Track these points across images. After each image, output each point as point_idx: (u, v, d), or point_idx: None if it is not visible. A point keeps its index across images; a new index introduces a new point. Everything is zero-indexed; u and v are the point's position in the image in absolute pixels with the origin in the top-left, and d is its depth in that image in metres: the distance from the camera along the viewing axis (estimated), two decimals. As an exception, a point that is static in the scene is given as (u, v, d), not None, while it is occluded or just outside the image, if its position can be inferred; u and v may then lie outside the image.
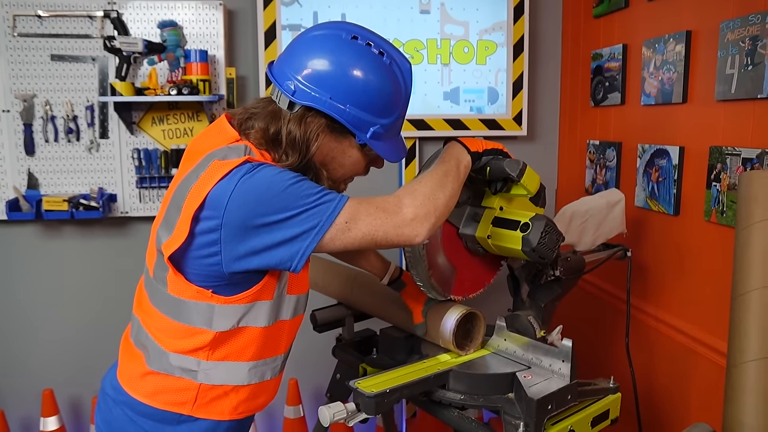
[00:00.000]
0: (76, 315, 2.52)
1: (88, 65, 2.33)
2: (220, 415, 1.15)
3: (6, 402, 2.51)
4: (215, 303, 1.08)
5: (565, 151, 2.71)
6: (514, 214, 1.36)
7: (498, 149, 1.32)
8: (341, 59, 1.06)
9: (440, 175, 1.15)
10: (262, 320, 1.13)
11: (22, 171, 2.35)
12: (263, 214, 0.99)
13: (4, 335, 2.50)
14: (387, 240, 1.05)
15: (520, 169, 1.30)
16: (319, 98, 1.06)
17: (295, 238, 1.00)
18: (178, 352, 1.11)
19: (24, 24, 2.28)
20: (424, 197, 1.08)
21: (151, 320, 1.15)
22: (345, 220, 1.02)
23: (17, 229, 2.43)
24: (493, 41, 2.55)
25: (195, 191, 1.02)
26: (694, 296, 1.82)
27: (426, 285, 1.42)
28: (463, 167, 1.21)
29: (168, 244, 1.04)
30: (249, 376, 1.16)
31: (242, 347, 1.13)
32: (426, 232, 1.07)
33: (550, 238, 1.32)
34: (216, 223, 1.00)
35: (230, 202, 0.99)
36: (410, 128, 2.54)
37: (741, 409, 1.31)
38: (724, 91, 1.65)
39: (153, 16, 2.32)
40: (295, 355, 2.73)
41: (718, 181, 1.68)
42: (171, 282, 1.09)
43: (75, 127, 2.35)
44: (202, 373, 1.11)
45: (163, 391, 1.12)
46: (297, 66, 1.08)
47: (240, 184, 0.99)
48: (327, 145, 1.11)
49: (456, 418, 1.39)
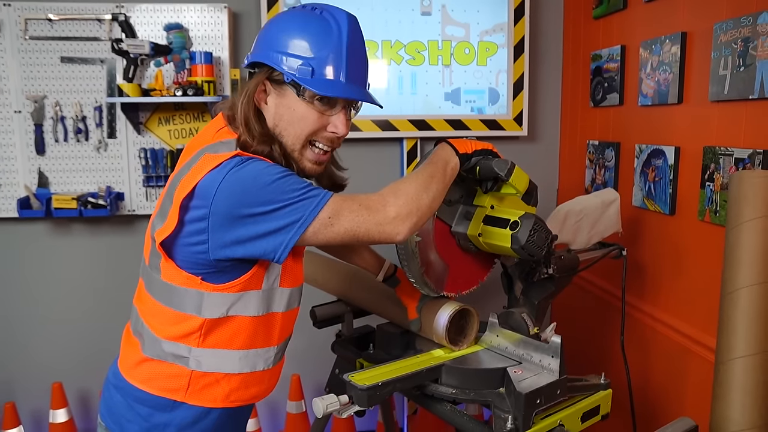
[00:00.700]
0: (84, 310, 2.58)
1: (97, 67, 2.39)
2: (213, 402, 1.19)
3: (17, 394, 2.58)
4: (204, 290, 1.12)
5: (566, 152, 2.73)
6: (504, 213, 1.39)
7: (488, 149, 1.35)
8: (275, 19, 1.17)
9: (426, 176, 1.18)
10: (252, 310, 1.16)
11: (32, 170, 2.42)
12: (249, 205, 1.03)
13: (16, 329, 2.57)
14: (369, 236, 1.08)
15: (508, 168, 1.33)
16: (254, 54, 1.15)
17: (279, 231, 1.04)
18: (170, 339, 1.15)
19: (35, 27, 2.34)
20: (407, 197, 1.11)
21: (146, 308, 1.20)
22: (328, 215, 1.05)
23: (28, 226, 2.50)
24: (493, 42, 2.57)
25: (185, 181, 1.07)
26: (689, 295, 1.84)
27: (419, 281, 1.46)
28: (450, 169, 1.24)
29: (160, 231, 1.09)
30: (240, 365, 1.19)
31: (232, 336, 1.17)
32: (407, 231, 1.10)
33: (539, 236, 1.35)
34: (204, 212, 1.04)
35: (218, 192, 1.03)
36: (411, 128, 2.58)
37: (727, 405, 1.33)
38: (718, 92, 1.67)
39: (159, 19, 2.38)
40: (298, 351, 2.78)
41: (712, 181, 1.70)
42: (164, 268, 1.13)
43: (84, 127, 2.41)
44: (193, 360, 1.15)
45: (157, 377, 1.17)
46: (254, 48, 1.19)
47: (228, 175, 1.03)
48: (272, 102, 1.14)
49: (448, 412, 1.42)
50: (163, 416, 1.17)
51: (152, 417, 1.18)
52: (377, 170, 2.68)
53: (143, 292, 1.22)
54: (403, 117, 2.58)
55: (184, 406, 1.17)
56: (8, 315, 2.56)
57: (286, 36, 1.11)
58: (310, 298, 1.94)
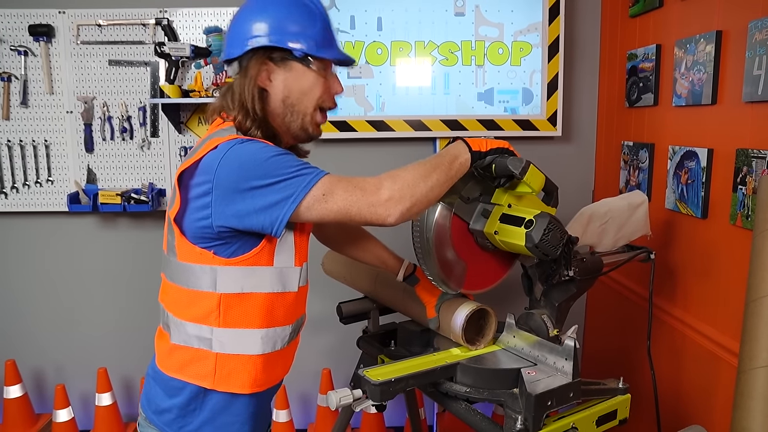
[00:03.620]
0: (127, 300, 2.72)
1: (141, 69, 2.51)
2: (241, 387, 1.25)
3: (67, 377, 2.74)
4: (217, 265, 1.18)
5: (602, 152, 2.68)
6: (520, 212, 1.40)
7: (504, 148, 1.36)
8: (251, 8, 1.23)
9: (428, 166, 1.21)
10: (266, 286, 1.22)
11: (82, 167, 2.56)
12: (247, 179, 1.10)
13: (66, 316, 2.73)
14: (361, 216, 1.13)
15: (522, 167, 1.33)
16: (243, 42, 1.21)
17: (274, 205, 1.11)
18: (192, 321, 1.22)
19: (86, 33, 2.48)
20: (403, 182, 1.15)
21: (169, 297, 1.27)
22: (322, 193, 1.11)
23: (77, 220, 2.65)
24: (528, 42, 2.56)
25: (187, 160, 1.17)
26: (719, 300, 1.79)
27: (436, 279, 1.48)
28: (458, 164, 1.26)
29: (172, 210, 1.18)
30: (262, 345, 1.25)
31: (250, 314, 1.22)
32: (398, 215, 1.13)
33: (554, 235, 1.34)
34: (208, 188, 1.12)
35: (219, 167, 1.10)
36: (444, 128, 2.59)
37: (747, 414, 1.30)
38: (751, 93, 1.62)
39: (200, 23, 2.48)
40: (329, 346, 2.84)
41: (744, 184, 1.65)
42: (179, 249, 1.21)
43: (129, 126, 2.54)
44: (216, 341, 1.22)
45: (187, 364, 1.24)
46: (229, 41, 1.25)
47: (230, 152, 1.11)
48: (279, 79, 1.23)
49: (463, 410, 1.45)
50: (196, 404, 1.24)
51: (187, 405, 1.25)
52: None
53: (165, 284, 1.29)
54: (435, 117, 2.60)
55: (215, 394, 1.24)
56: (60, 303, 2.72)
57: (278, 21, 1.20)
58: (337, 293, 1.99)
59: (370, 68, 2.55)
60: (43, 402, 2.78)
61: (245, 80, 1.22)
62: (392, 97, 2.55)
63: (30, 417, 2.64)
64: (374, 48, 2.55)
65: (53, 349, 2.75)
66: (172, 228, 1.20)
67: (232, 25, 1.25)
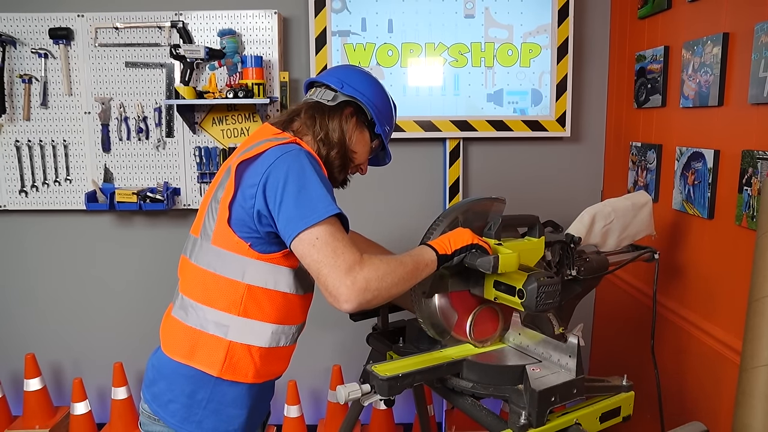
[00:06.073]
0: (142, 296, 2.78)
1: (157, 71, 2.57)
2: (245, 377, 1.31)
3: (84, 371, 2.81)
4: (250, 257, 1.25)
5: (610, 153, 2.70)
6: (509, 278, 1.38)
7: (469, 244, 1.34)
8: (369, 77, 1.48)
9: (396, 263, 1.22)
10: (287, 286, 1.30)
11: (99, 166, 2.63)
12: (284, 188, 1.19)
13: (83, 312, 2.80)
14: (325, 284, 1.15)
15: (492, 265, 1.32)
16: (357, 94, 1.41)
17: (290, 220, 1.18)
18: (214, 307, 1.28)
19: (104, 35, 2.54)
20: (378, 276, 1.17)
21: (192, 281, 1.32)
22: (316, 237, 1.17)
23: (94, 218, 2.71)
24: (537, 44, 2.58)
25: (246, 153, 1.26)
26: (725, 300, 1.81)
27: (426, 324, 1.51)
28: (423, 265, 1.28)
29: (224, 196, 1.25)
30: (270, 339, 1.32)
31: (267, 307, 1.29)
32: (357, 305, 1.16)
33: (548, 294, 1.34)
34: (257, 179, 1.21)
35: (272, 167, 1.20)
36: (454, 129, 2.63)
37: (748, 412, 1.33)
38: (757, 95, 1.64)
39: (214, 25, 2.53)
40: (340, 343, 2.89)
41: (750, 185, 1.67)
42: (216, 234, 1.27)
43: (144, 126, 2.60)
44: (232, 329, 1.27)
45: (199, 349, 1.28)
46: (341, 75, 1.44)
47: (284, 155, 1.22)
48: (354, 134, 1.41)
49: (468, 406, 1.48)
50: (204, 393, 1.29)
51: (195, 394, 1.29)
52: (420, 169, 2.74)
53: (187, 269, 1.34)
54: (445, 118, 2.63)
55: (223, 382, 1.29)
56: (78, 299, 2.79)
57: (380, 103, 1.45)
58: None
59: (381, 70, 2.59)
60: (61, 395, 2.86)
61: (336, 124, 1.37)
62: (403, 98, 2.58)
63: (49, 409, 2.71)
64: (385, 50, 2.59)
65: (71, 344, 2.82)
66: (214, 212, 1.27)
67: (350, 68, 1.49)
